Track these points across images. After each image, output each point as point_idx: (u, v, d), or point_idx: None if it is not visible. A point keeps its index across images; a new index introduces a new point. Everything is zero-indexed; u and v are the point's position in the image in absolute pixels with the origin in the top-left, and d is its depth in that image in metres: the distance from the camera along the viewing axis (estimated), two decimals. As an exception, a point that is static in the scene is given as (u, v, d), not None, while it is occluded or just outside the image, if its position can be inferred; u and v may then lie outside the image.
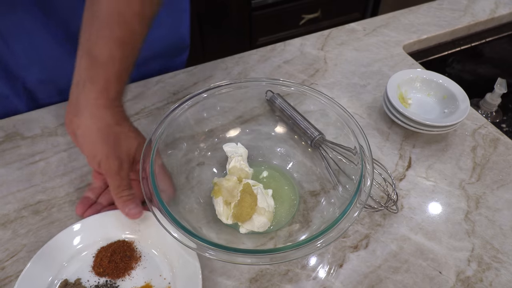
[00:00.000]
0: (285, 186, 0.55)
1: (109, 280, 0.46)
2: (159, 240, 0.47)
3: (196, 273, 0.43)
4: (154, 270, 0.46)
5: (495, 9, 0.90)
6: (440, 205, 0.55)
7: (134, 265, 0.47)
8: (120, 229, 0.49)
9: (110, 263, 0.46)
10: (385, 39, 0.82)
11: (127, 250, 0.47)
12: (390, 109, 0.63)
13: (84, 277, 0.46)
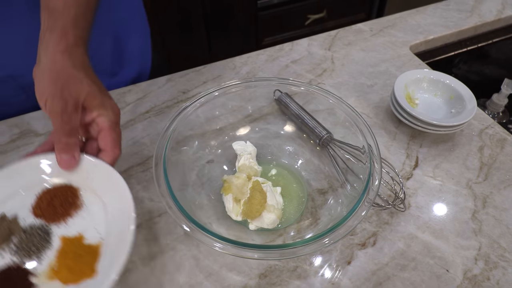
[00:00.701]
0: (294, 184, 0.56)
1: (44, 223, 0.44)
2: (105, 194, 0.45)
3: (128, 239, 0.40)
4: (91, 222, 0.44)
5: (502, 10, 0.91)
6: (447, 204, 0.56)
7: (73, 213, 0.45)
8: (70, 173, 0.46)
9: (49, 207, 0.44)
10: (392, 40, 0.83)
11: (70, 196, 0.45)
12: (397, 109, 0.63)
13: (22, 215, 0.44)
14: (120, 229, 0.41)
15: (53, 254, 0.41)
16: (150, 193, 0.56)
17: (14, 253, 0.41)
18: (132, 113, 0.67)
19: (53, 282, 0.40)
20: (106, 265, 0.39)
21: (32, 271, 0.40)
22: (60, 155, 0.44)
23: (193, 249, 0.50)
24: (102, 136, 0.45)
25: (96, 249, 0.42)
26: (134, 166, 0.59)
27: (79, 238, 0.43)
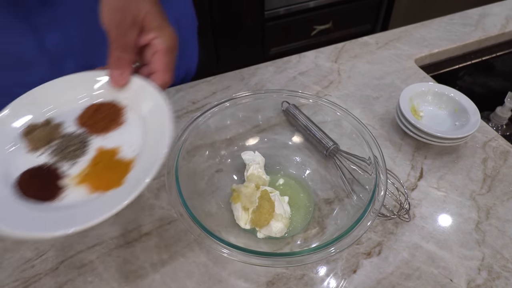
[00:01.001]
0: (301, 194, 0.58)
1: (85, 133, 0.45)
2: (147, 116, 0.45)
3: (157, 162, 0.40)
4: (128, 140, 0.44)
5: (506, 24, 0.92)
6: (451, 215, 0.57)
7: (112, 128, 0.45)
8: (118, 91, 0.47)
9: (91, 119, 0.45)
10: (397, 53, 0.84)
11: (113, 113, 0.46)
12: (402, 121, 0.65)
13: (66, 123, 0.45)
14: (153, 151, 0.42)
15: (86, 162, 0.42)
16: (160, 201, 0.58)
17: (50, 156, 0.43)
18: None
19: (80, 187, 0.40)
20: (133, 180, 0.40)
21: (62, 174, 0.41)
22: (111, 70, 0.45)
23: (202, 256, 0.52)
24: (156, 58, 0.44)
25: (127, 165, 0.42)
26: (146, 174, 0.61)
27: (114, 152, 0.43)
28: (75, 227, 0.35)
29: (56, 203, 0.39)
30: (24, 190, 0.39)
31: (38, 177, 0.41)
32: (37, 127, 0.44)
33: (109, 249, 0.53)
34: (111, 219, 0.53)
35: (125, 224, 0.55)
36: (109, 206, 0.37)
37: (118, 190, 0.40)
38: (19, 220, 0.37)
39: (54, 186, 0.40)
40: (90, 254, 0.52)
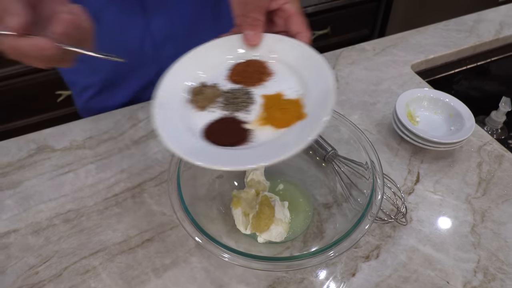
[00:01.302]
0: (300, 199, 0.59)
1: (243, 86, 0.47)
2: (293, 61, 0.48)
3: (329, 87, 0.43)
4: (286, 84, 0.47)
5: (500, 30, 0.94)
6: (447, 218, 0.58)
7: (266, 78, 0.48)
8: (254, 50, 0.50)
9: (244, 73, 0.48)
10: (394, 59, 0.86)
11: (260, 67, 0.48)
12: (399, 126, 0.66)
13: (220, 83, 0.48)
14: (319, 86, 0.44)
15: (259, 108, 0.45)
16: (162, 207, 0.59)
17: (224, 108, 0.45)
18: (144, 129, 0.70)
19: (265, 128, 0.43)
20: (313, 111, 0.42)
21: (244, 120, 0.44)
22: (246, 31, 0.47)
23: (204, 262, 0.53)
24: (293, 21, 0.48)
25: (297, 102, 0.44)
26: (147, 181, 0.62)
27: (279, 95, 0.45)
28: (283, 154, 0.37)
29: (251, 144, 0.41)
30: (215, 140, 0.42)
31: (224, 126, 0.43)
32: (197, 89, 0.46)
33: (112, 255, 0.54)
34: (116, 225, 0.54)
35: (127, 230, 0.56)
36: (307, 131, 0.39)
37: (303, 123, 0.42)
38: (229, 159, 0.40)
39: (242, 130, 0.43)
40: (93, 260, 0.53)
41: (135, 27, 0.68)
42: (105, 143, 0.68)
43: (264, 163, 0.38)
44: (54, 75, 1.46)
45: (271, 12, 0.50)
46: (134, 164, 0.64)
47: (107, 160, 0.65)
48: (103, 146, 0.67)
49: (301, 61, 0.47)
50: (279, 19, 0.50)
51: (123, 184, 0.62)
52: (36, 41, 0.37)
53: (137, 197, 0.60)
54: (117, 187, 0.61)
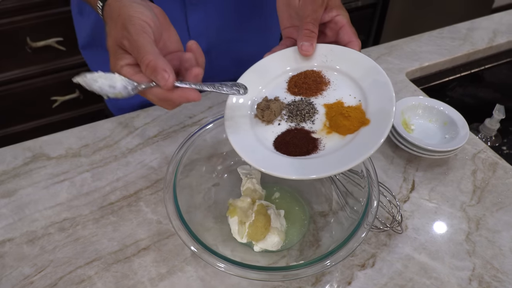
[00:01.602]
0: (296, 207, 0.59)
1: (303, 97, 0.50)
2: (347, 68, 0.50)
3: (389, 92, 0.44)
4: (344, 91, 0.48)
5: (493, 38, 0.95)
6: (442, 226, 0.58)
7: (324, 87, 0.50)
8: (308, 60, 0.52)
9: (304, 84, 0.50)
10: (388, 66, 0.86)
11: (317, 77, 0.50)
12: (394, 134, 0.66)
13: (281, 96, 0.50)
14: (377, 88, 0.46)
15: (322, 117, 0.47)
16: (158, 215, 0.59)
17: (289, 120, 0.48)
18: (140, 137, 0.70)
19: (332, 135, 0.45)
20: (376, 117, 0.44)
21: (310, 129, 0.46)
22: (302, 42, 0.50)
23: (200, 271, 0.52)
24: (345, 32, 0.50)
25: (358, 108, 0.46)
26: (143, 189, 0.62)
27: (340, 103, 0.47)
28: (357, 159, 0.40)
29: (321, 152, 0.44)
30: (287, 151, 0.45)
31: (293, 137, 0.46)
32: (262, 105, 0.48)
33: (108, 264, 0.53)
34: (111, 233, 0.53)
35: (123, 239, 0.56)
36: (374, 137, 0.41)
37: (368, 128, 0.43)
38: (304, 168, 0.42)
39: (311, 140, 0.45)
40: (88, 270, 0.53)
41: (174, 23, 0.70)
42: (101, 151, 0.68)
43: (339, 170, 0.41)
44: (52, 80, 1.46)
45: (322, 24, 0.52)
46: (130, 172, 0.64)
47: (103, 168, 0.65)
48: (99, 154, 0.67)
49: (355, 67, 0.49)
50: (330, 30, 0.52)
51: (119, 192, 0.62)
52: (187, 94, 0.41)
53: (133, 206, 0.60)
54: (113, 196, 0.61)
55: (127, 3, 0.44)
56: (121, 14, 0.43)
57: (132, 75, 0.42)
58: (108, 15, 0.45)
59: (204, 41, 0.74)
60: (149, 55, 0.40)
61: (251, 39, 0.80)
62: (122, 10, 0.43)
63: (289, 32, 0.54)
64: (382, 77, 0.46)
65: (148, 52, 0.40)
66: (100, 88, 0.41)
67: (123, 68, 0.42)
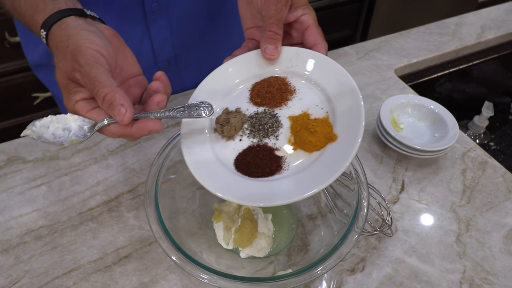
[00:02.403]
0: (284, 210, 0.57)
1: (267, 108, 0.46)
2: (314, 75, 0.47)
3: (357, 102, 0.41)
4: (311, 101, 0.45)
5: (481, 34, 0.94)
6: (432, 227, 0.57)
7: (289, 97, 0.46)
8: (272, 65, 0.48)
9: (267, 94, 0.46)
10: (377, 63, 0.85)
11: (281, 84, 0.47)
12: (383, 133, 0.65)
13: (243, 106, 0.47)
14: (345, 99, 0.43)
15: (287, 131, 0.43)
16: (140, 221, 0.56)
17: (252, 135, 0.44)
18: (122, 139, 0.67)
19: (297, 153, 0.42)
20: (343, 132, 0.41)
21: (274, 147, 0.43)
22: (266, 44, 0.46)
23: (184, 279, 0.50)
24: (310, 32, 0.47)
25: (325, 121, 0.43)
26: (124, 194, 0.59)
27: (306, 115, 0.44)
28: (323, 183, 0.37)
29: (285, 172, 0.41)
30: (248, 172, 0.41)
31: (255, 156, 0.42)
32: (222, 119, 0.45)
33: (87, 274, 0.51)
34: (91, 241, 0.51)
35: (103, 247, 0.54)
36: (341, 156, 0.39)
37: (335, 145, 0.40)
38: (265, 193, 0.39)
39: (274, 159, 0.42)
40: (66, 280, 0.50)
41: (135, 32, 0.67)
42: (80, 153, 0.65)
43: (302, 196, 0.38)
44: (32, 77, 1.40)
45: (287, 25, 0.49)
46: (111, 175, 0.62)
47: (82, 171, 0.62)
48: (78, 156, 0.64)
49: (322, 73, 0.46)
50: (296, 31, 0.49)
51: (99, 197, 0.59)
52: (147, 126, 0.38)
53: (114, 211, 0.57)
54: (92, 201, 0.59)
55: (73, 31, 0.39)
56: (69, 44, 0.39)
57: (88, 111, 0.38)
58: (54, 45, 0.40)
59: (169, 49, 0.71)
60: (105, 88, 0.36)
61: (216, 41, 0.77)
62: (69, 40, 0.39)
63: (251, 33, 0.51)
64: (350, 86, 0.43)
65: (103, 85, 0.36)
66: (53, 136, 0.37)
67: (78, 104, 0.38)
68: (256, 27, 0.50)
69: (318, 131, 0.41)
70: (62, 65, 0.39)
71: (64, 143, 0.37)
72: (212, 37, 0.76)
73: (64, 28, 0.40)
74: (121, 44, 0.43)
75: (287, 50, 0.48)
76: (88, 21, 0.42)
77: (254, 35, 0.51)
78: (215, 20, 0.74)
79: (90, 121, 0.38)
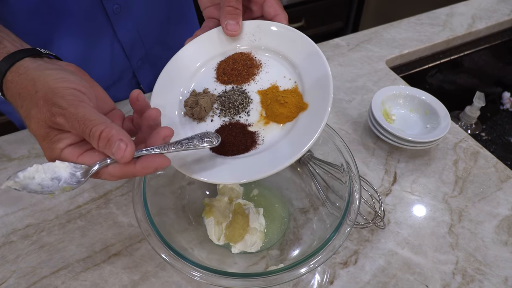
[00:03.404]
0: (276, 204, 0.56)
1: (235, 86, 0.46)
2: (278, 46, 0.46)
3: (324, 67, 0.41)
4: (278, 73, 0.45)
5: (472, 24, 0.94)
6: (425, 219, 0.57)
7: (256, 71, 0.46)
8: (235, 41, 0.48)
9: (233, 71, 0.46)
10: (368, 54, 0.84)
11: (246, 59, 0.46)
12: (375, 125, 0.64)
13: (210, 86, 0.46)
14: (312, 66, 0.42)
15: (258, 105, 0.43)
16: (129, 217, 0.55)
17: (223, 115, 0.44)
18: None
19: (270, 126, 0.42)
20: (314, 100, 0.41)
21: (246, 123, 0.43)
22: (226, 20, 0.45)
23: (175, 276, 0.50)
24: (269, 4, 0.47)
25: (295, 91, 0.43)
26: (113, 190, 0.58)
27: (275, 87, 0.44)
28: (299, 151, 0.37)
29: (260, 146, 0.41)
30: (224, 152, 0.41)
31: (229, 135, 0.41)
32: (190, 101, 0.44)
33: (76, 273, 0.50)
34: (79, 239, 0.50)
35: (92, 245, 0.52)
36: (314, 122, 0.38)
37: (307, 113, 0.40)
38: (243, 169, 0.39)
39: (248, 135, 0.41)
40: (55, 280, 0.49)
41: (104, 38, 0.65)
42: (67, 150, 0.63)
43: (281, 167, 0.37)
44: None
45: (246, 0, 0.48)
46: (99, 172, 0.60)
47: (69, 168, 0.61)
48: (65, 153, 0.63)
49: (287, 44, 0.45)
50: (255, 5, 0.48)
51: (87, 194, 0.58)
52: (153, 163, 0.34)
53: (103, 208, 0.56)
54: (80, 198, 0.57)
55: (37, 73, 0.35)
56: (38, 89, 0.34)
57: (78, 157, 0.34)
58: (15, 94, 0.36)
59: (139, 47, 0.70)
60: (99, 125, 0.32)
61: (183, 30, 0.76)
62: (37, 85, 0.34)
63: (210, 12, 0.50)
64: (316, 54, 0.42)
65: (96, 122, 0.32)
66: (41, 186, 0.33)
67: (65, 151, 0.34)
68: (214, 5, 0.49)
69: (289, 102, 0.41)
70: (35, 113, 0.34)
71: (55, 191, 0.33)
72: (179, 27, 0.75)
73: (23, 73, 0.36)
74: (90, 79, 0.40)
75: (248, 24, 0.47)
76: (46, 60, 0.38)
77: (213, 13, 0.50)
78: (177, 10, 0.73)
79: (82, 166, 0.34)
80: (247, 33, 0.47)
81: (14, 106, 0.37)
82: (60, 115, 0.33)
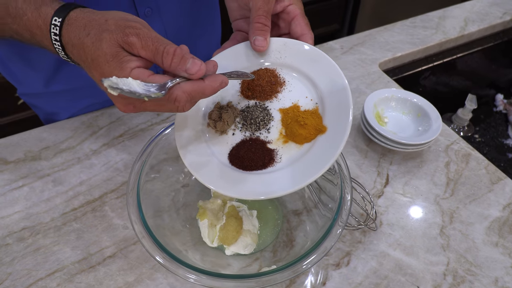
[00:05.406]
0: (269, 206, 0.57)
1: (257, 102, 0.47)
2: (303, 66, 0.47)
3: (345, 93, 0.42)
4: (300, 93, 0.46)
5: (464, 27, 0.95)
6: (416, 221, 0.58)
7: (279, 89, 0.47)
8: (262, 57, 0.49)
9: (257, 87, 0.47)
10: (361, 57, 0.85)
11: (271, 76, 0.47)
12: (367, 128, 0.65)
13: (234, 100, 0.47)
14: (334, 90, 0.43)
15: (278, 123, 0.45)
16: (124, 220, 0.56)
17: (244, 129, 0.45)
18: (105, 137, 0.66)
19: (288, 145, 0.43)
20: (333, 124, 0.42)
21: (266, 140, 0.44)
22: (255, 36, 0.46)
23: (169, 277, 0.50)
24: (297, 23, 0.48)
25: (315, 112, 0.44)
26: (108, 193, 0.59)
27: (296, 107, 0.45)
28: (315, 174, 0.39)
29: (277, 164, 0.42)
30: (242, 166, 0.42)
31: (248, 150, 0.43)
32: (214, 114, 0.45)
33: (71, 275, 0.50)
34: (75, 242, 0.50)
35: (87, 247, 0.53)
36: (331, 146, 0.40)
37: (325, 137, 0.42)
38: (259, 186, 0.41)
39: (266, 152, 0.43)
40: (50, 282, 0.50)
41: None
42: (62, 153, 0.64)
43: (296, 188, 0.39)
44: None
45: (274, 15, 0.49)
46: (94, 175, 0.61)
47: (65, 171, 0.61)
48: (60, 156, 0.63)
49: (311, 64, 0.46)
50: (283, 22, 0.50)
51: (83, 197, 0.58)
52: (217, 78, 0.38)
53: (98, 211, 0.57)
54: (76, 201, 0.58)
55: (102, 11, 0.39)
56: (109, 19, 0.38)
57: (149, 76, 0.36)
58: (79, 27, 0.38)
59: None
60: (172, 45, 0.36)
61: (201, 35, 0.77)
62: (106, 16, 0.38)
63: (239, 25, 0.51)
64: (338, 76, 0.43)
65: (168, 42, 0.37)
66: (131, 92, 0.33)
67: (134, 71, 0.36)
68: (243, 18, 0.50)
69: (308, 124, 0.42)
70: (106, 35, 0.37)
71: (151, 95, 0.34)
72: (204, 29, 0.76)
73: (88, 11, 0.39)
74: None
75: (275, 42, 0.48)
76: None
77: (242, 26, 0.51)
78: (203, 15, 0.74)
79: (154, 84, 0.35)
80: (273, 50, 0.48)
81: (76, 40, 0.39)
82: (134, 35, 0.36)
